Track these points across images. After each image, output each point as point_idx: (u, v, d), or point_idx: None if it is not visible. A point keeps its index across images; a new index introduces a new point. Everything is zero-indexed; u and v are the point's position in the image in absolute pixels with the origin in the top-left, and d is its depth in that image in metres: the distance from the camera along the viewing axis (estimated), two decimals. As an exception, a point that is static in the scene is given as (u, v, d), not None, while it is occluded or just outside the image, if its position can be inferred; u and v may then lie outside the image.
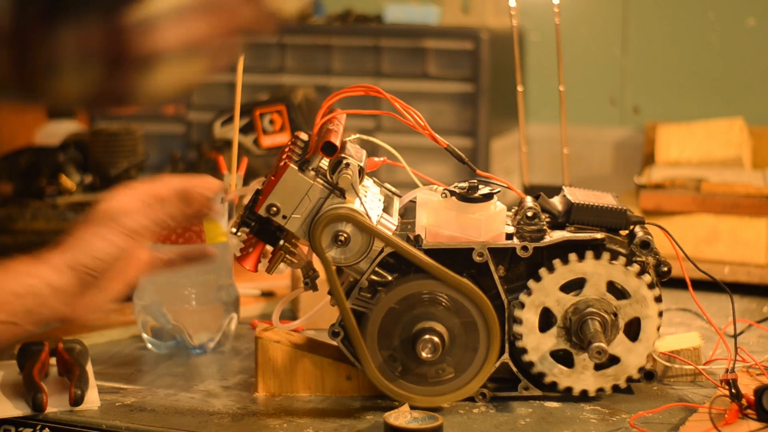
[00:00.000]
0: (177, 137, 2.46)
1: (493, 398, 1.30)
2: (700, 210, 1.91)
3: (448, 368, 1.28)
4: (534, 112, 2.52)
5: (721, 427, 1.20)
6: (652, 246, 1.29)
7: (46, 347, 1.36)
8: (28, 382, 1.30)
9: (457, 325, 1.27)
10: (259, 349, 1.33)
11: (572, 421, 1.26)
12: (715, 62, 2.42)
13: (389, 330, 1.27)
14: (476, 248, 1.27)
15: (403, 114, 1.29)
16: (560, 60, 1.73)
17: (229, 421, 1.26)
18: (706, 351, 1.41)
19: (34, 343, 1.36)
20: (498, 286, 1.28)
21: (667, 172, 2.01)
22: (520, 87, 1.74)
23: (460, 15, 2.41)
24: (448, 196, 1.29)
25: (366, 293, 1.27)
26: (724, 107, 2.38)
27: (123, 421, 1.25)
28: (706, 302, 1.46)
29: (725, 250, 1.88)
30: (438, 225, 1.29)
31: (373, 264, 1.26)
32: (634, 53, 2.48)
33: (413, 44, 2.32)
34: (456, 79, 2.31)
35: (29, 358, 1.34)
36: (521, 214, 1.29)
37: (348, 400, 1.32)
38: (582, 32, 2.49)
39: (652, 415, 1.26)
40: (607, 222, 1.30)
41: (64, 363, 1.35)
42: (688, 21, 2.43)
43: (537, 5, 2.48)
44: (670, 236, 1.33)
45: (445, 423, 1.21)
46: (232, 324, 1.51)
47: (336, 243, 1.25)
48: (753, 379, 1.34)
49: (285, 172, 1.24)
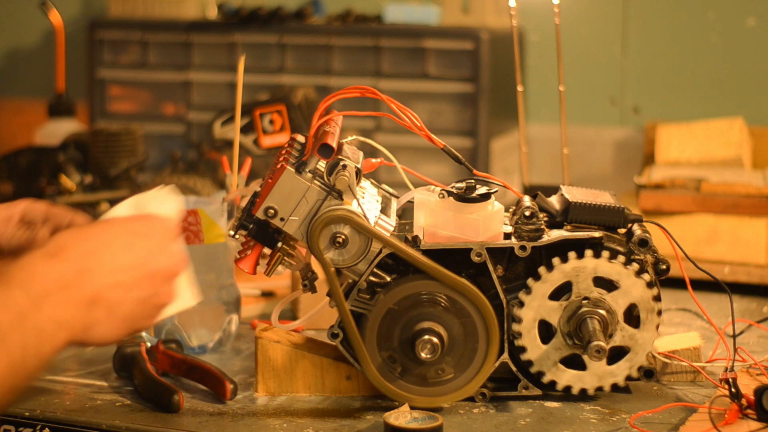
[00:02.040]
0: (177, 137, 2.47)
1: (493, 398, 1.30)
2: (700, 210, 1.91)
3: (448, 368, 1.28)
4: (534, 112, 2.52)
5: (721, 427, 1.20)
6: (650, 244, 1.29)
7: (142, 347, 1.37)
8: (151, 383, 1.30)
9: (456, 326, 1.27)
10: (259, 349, 1.33)
11: (572, 421, 1.26)
12: (715, 62, 2.42)
13: (388, 331, 1.27)
14: (474, 248, 1.27)
15: (400, 115, 1.29)
16: (560, 60, 1.73)
17: (229, 421, 1.26)
18: (706, 351, 1.41)
19: (128, 345, 1.37)
20: (497, 286, 1.28)
21: (667, 172, 2.01)
22: (520, 87, 1.74)
23: (460, 15, 2.41)
24: (445, 197, 1.29)
25: (365, 294, 1.28)
26: (724, 107, 2.38)
27: (123, 421, 1.25)
28: (706, 302, 1.46)
29: (725, 250, 1.88)
30: (436, 225, 1.29)
31: (371, 265, 1.26)
32: (634, 53, 2.48)
33: (413, 44, 2.32)
34: (456, 79, 2.31)
35: (132, 361, 1.35)
36: (519, 213, 1.29)
37: (348, 400, 1.32)
38: (582, 32, 2.49)
39: (652, 415, 1.26)
40: (605, 220, 1.30)
41: (172, 362, 1.36)
42: (688, 21, 2.43)
43: (537, 5, 2.48)
44: (670, 235, 1.33)
45: (445, 423, 1.21)
46: (232, 324, 1.51)
47: (334, 244, 1.25)
48: (753, 379, 1.34)
49: (282, 175, 1.24)
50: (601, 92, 2.50)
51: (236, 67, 2.34)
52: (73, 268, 1.03)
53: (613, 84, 2.49)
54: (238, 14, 2.45)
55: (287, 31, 2.40)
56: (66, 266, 1.03)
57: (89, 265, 1.04)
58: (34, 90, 2.84)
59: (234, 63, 2.40)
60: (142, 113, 2.50)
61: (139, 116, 2.47)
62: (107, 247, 1.07)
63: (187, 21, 2.48)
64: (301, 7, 2.47)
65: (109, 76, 2.51)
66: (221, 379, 1.30)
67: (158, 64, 2.49)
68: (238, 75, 1.61)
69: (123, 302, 1.06)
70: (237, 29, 2.42)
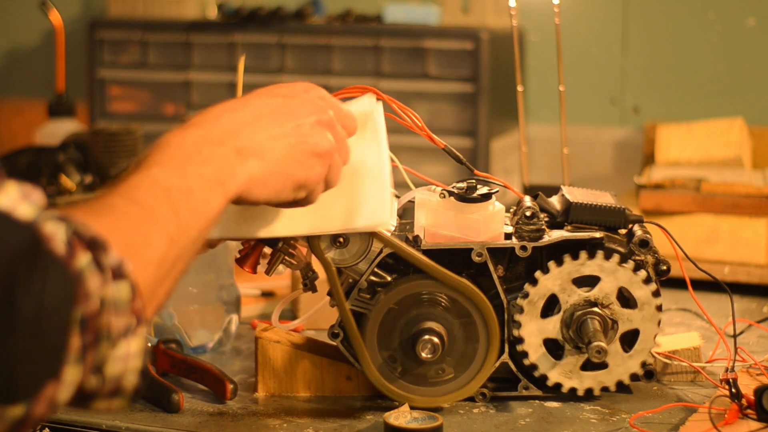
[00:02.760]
0: (177, 137, 2.46)
1: (493, 398, 1.30)
2: (700, 210, 1.91)
3: (448, 368, 1.28)
4: (534, 112, 2.52)
5: (721, 427, 1.20)
6: (650, 245, 1.29)
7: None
8: (151, 383, 1.29)
9: (457, 326, 1.27)
10: (259, 349, 1.33)
11: (572, 421, 1.26)
12: (715, 62, 2.42)
13: (389, 331, 1.27)
14: (475, 248, 1.27)
15: (401, 115, 1.29)
16: (560, 60, 1.73)
17: (229, 421, 1.26)
18: (706, 351, 1.41)
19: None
20: (497, 286, 1.28)
21: (667, 172, 2.01)
22: (520, 87, 1.74)
23: (460, 15, 2.41)
24: (446, 197, 1.29)
25: (365, 294, 1.28)
26: (724, 107, 2.38)
27: (123, 421, 1.25)
28: (706, 302, 1.46)
29: (725, 250, 1.88)
30: (437, 225, 1.29)
31: (372, 265, 1.26)
32: (634, 53, 2.48)
33: (413, 44, 2.32)
34: (456, 79, 2.31)
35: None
36: (520, 213, 1.29)
37: (348, 400, 1.32)
38: (582, 32, 2.49)
39: (652, 415, 1.26)
40: (605, 221, 1.30)
41: (172, 362, 1.35)
42: (688, 21, 2.43)
43: (537, 5, 2.48)
44: (670, 236, 1.33)
45: (445, 423, 1.21)
46: (232, 324, 1.51)
47: (335, 244, 1.25)
48: (753, 379, 1.33)
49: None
50: (601, 92, 2.50)
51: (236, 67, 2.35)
52: (214, 128, 1.01)
53: (613, 84, 2.49)
54: (238, 14, 2.45)
55: (287, 31, 2.39)
56: (204, 129, 1.01)
57: (229, 123, 1.03)
58: (34, 90, 2.84)
59: (234, 63, 2.40)
60: (142, 113, 2.50)
61: (139, 116, 2.47)
62: (246, 105, 1.06)
63: (187, 21, 2.48)
64: (301, 7, 2.47)
65: (109, 76, 2.51)
66: (221, 379, 1.30)
67: (158, 64, 2.48)
68: (238, 75, 1.61)
69: (273, 148, 1.04)
70: (237, 29, 2.42)
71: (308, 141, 1.08)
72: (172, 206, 0.93)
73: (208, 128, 1.02)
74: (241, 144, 1.03)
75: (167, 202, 0.93)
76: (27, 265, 0.78)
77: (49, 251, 0.79)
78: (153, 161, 0.96)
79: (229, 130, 1.03)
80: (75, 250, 0.81)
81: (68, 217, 0.83)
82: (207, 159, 0.99)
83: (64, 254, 0.80)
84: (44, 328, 0.78)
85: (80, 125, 2.46)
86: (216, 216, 0.98)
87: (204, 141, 1.00)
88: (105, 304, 0.82)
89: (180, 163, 0.97)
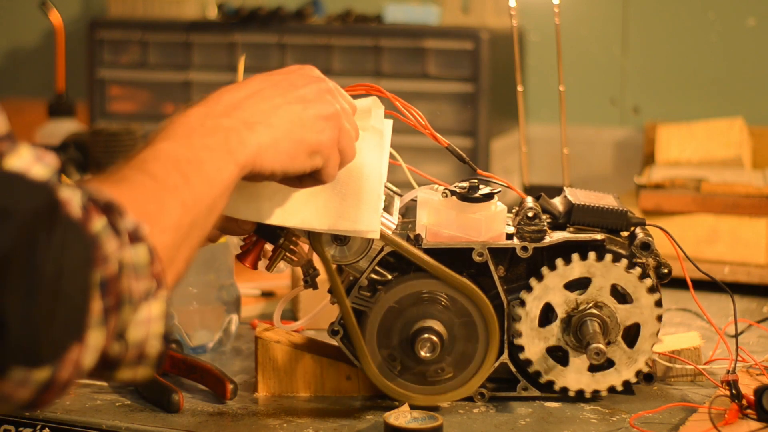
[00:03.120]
0: (177, 137, 2.46)
1: (493, 398, 1.30)
2: (700, 210, 1.91)
3: (448, 367, 1.28)
4: (534, 112, 2.52)
5: (721, 427, 1.20)
6: (652, 248, 1.29)
7: None
8: (151, 383, 1.29)
9: (457, 325, 1.27)
10: (260, 349, 1.33)
11: (572, 421, 1.26)
12: (715, 62, 2.42)
13: (389, 329, 1.27)
14: (476, 248, 1.27)
15: (404, 113, 1.29)
16: (560, 60, 1.73)
17: (229, 421, 1.26)
18: (707, 351, 1.41)
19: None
20: (498, 286, 1.28)
21: (667, 172, 2.01)
22: (520, 87, 1.74)
23: (460, 15, 2.41)
24: (448, 196, 1.29)
25: (365, 292, 1.27)
26: (724, 107, 2.38)
27: (123, 421, 1.25)
28: (706, 302, 1.46)
29: (725, 250, 1.88)
30: (438, 224, 1.29)
31: (372, 263, 1.26)
32: (634, 53, 2.48)
33: (413, 44, 2.32)
34: (456, 79, 2.31)
35: None
36: (522, 214, 1.29)
37: (348, 400, 1.32)
38: (582, 32, 2.49)
39: (652, 415, 1.26)
40: (607, 223, 1.30)
41: (172, 362, 1.35)
42: (688, 21, 2.43)
43: (537, 5, 2.48)
44: (671, 237, 1.33)
45: (445, 423, 1.21)
46: (232, 324, 1.51)
47: (336, 241, 1.25)
48: (753, 379, 1.34)
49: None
50: (601, 92, 2.50)
51: (236, 67, 2.34)
52: (217, 105, 1.03)
53: (613, 84, 2.49)
54: (238, 14, 2.45)
55: (287, 31, 2.39)
56: (207, 107, 1.02)
57: (231, 98, 1.04)
58: (34, 90, 2.83)
59: (234, 63, 2.40)
60: (142, 113, 2.50)
61: (139, 116, 2.47)
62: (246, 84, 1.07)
63: (187, 21, 2.48)
64: (301, 7, 2.47)
65: (109, 76, 2.51)
66: (221, 379, 1.30)
67: (158, 64, 2.48)
68: (238, 75, 1.60)
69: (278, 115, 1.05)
70: (237, 29, 2.42)
71: (313, 106, 1.09)
72: (183, 175, 0.94)
73: (211, 105, 1.03)
74: (245, 115, 1.03)
75: (177, 172, 0.93)
76: (46, 225, 0.78)
77: (65, 214, 0.80)
78: (159, 138, 0.97)
79: (232, 104, 1.04)
80: (90, 214, 0.81)
81: (83, 185, 0.84)
82: (212, 131, 1.00)
83: (81, 218, 0.80)
84: (65, 289, 0.77)
85: (80, 125, 2.46)
86: (229, 186, 0.99)
87: (208, 116, 1.02)
88: (124, 268, 0.82)
89: (185, 136, 0.98)
